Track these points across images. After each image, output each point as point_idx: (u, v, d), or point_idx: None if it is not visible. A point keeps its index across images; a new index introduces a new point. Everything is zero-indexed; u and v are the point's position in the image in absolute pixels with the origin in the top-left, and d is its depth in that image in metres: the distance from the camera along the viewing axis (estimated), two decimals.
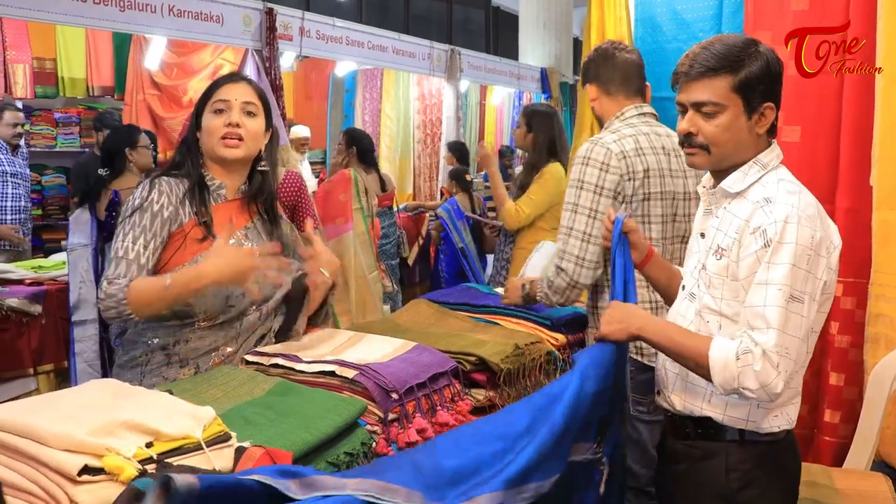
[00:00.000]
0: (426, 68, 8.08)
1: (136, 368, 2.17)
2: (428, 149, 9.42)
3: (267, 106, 2.28)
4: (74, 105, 7.45)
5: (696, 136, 1.87)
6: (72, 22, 4.87)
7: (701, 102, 1.85)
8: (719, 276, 1.86)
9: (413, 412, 1.96)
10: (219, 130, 2.17)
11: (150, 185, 2.16)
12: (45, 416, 1.39)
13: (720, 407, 1.89)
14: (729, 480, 1.88)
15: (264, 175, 2.31)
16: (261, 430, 1.62)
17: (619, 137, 2.54)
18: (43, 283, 4.74)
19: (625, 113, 2.67)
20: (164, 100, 6.90)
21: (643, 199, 2.52)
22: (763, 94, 1.84)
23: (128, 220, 2.12)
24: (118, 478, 1.30)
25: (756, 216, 1.78)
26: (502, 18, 16.56)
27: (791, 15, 3.41)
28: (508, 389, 2.31)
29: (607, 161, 2.49)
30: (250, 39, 5.64)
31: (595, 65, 2.74)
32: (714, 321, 1.88)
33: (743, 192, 1.88)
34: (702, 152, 1.89)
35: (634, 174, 2.50)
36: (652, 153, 2.55)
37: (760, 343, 1.70)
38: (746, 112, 1.84)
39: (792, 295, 1.71)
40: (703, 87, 1.84)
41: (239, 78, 2.29)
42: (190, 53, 6.78)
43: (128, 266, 2.07)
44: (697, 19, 3.72)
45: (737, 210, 1.86)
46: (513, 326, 2.73)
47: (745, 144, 1.87)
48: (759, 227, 1.76)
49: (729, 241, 1.84)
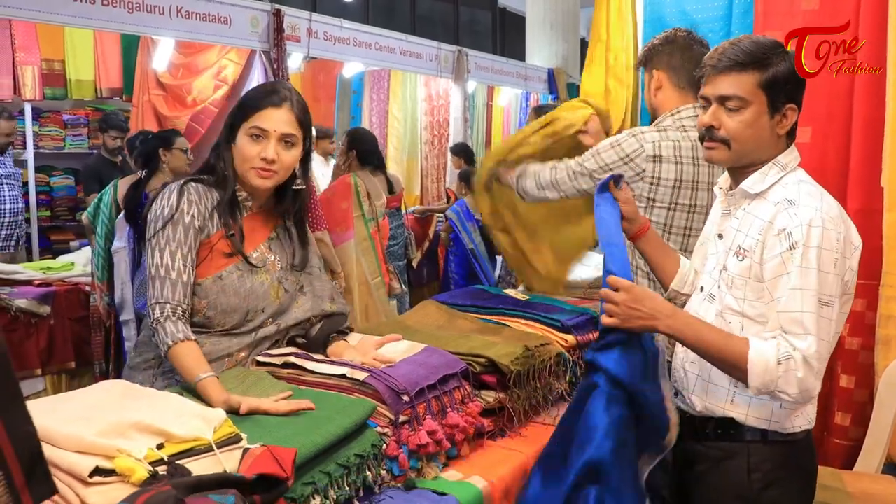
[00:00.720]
0: (433, 69, 8.07)
1: (149, 371, 2.16)
2: (435, 150, 9.42)
3: (308, 130, 2.19)
4: (83, 106, 7.47)
5: (718, 130, 1.87)
6: (80, 24, 4.88)
7: (726, 96, 1.84)
8: (742, 277, 1.85)
9: (423, 414, 1.95)
10: (253, 160, 2.08)
11: (178, 192, 2.09)
12: (55, 417, 1.40)
13: (743, 407, 1.89)
14: (751, 481, 1.88)
15: (298, 193, 2.25)
16: (270, 432, 1.62)
17: (661, 139, 2.48)
18: (52, 284, 4.76)
19: (681, 111, 2.57)
20: (168, 99, 6.90)
21: (669, 209, 2.47)
22: (787, 94, 1.84)
23: (161, 233, 2.05)
24: (129, 479, 1.31)
25: (780, 218, 1.78)
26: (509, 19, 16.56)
27: (801, 15, 3.40)
28: (518, 391, 2.30)
29: (633, 157, 2.46)
30: (258, 41, 5.64)
31: (669, 52, 2.61)
32: (736, 322, 1.88)
33: (763, 193, 1.88)
34: (722, 147, 1.88)
35: (661, 180, 2.45)
36: (691, 163, 2.48)
37: (801, 349, 1.71)
38: (770, 110, 1.84)
39: (821, 300, 1.72)
40: (729, 81, 1.84)
41: (281, 100, 2.12)
42: (196, 54, 6.78)
43: (173, 288, 2.02)
44: (707, 19, 3.70)
45: (757, 211, 1.86)
46: (522, 328, 2.72)
47: (766, 143, 1.87)
48: (784, 229, 1.76)
49: (751, 241, 1.84)
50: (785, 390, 1.72)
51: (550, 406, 2.48)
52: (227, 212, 2.13)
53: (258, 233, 2.21)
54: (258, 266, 2.17)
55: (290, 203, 2.25)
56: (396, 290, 5.66)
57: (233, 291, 2.11)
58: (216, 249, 2.11)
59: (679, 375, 2.04)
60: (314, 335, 2.26)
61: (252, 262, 2.16)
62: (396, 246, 6.51)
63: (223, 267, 2.11)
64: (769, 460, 1.89)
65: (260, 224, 2.23)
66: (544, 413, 2.44)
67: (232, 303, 2.11)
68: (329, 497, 1.62)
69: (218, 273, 2.11)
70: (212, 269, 2.09)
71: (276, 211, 2.27)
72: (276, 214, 2.27)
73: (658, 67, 2.61)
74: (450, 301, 2.97)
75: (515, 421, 2.30)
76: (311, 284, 2.33)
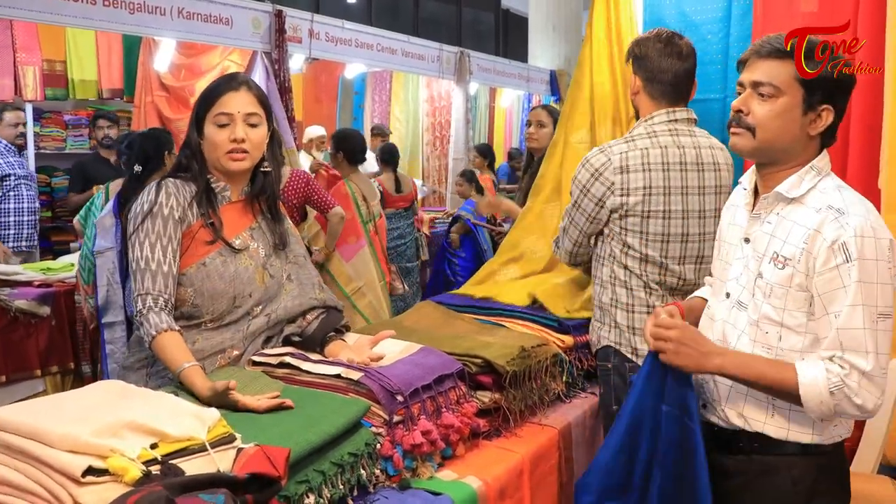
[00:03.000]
0: (435, 71, 8.09)
1: (142, 370, 2.17)
2: (437, 151, 9.44)
3: (268, 110, 2.25)
4: (84, 107, 7.48)
5: (746, 115, 1.82)
6: (81, 24, 4.90)
7: (760, 82, 1.80)
8: (782, 287, 1.78)
9: (418, 414, 1.95)
10: (224, 145, 2.14)
11: (156, 188, 2.15)
12: (49, 417, 1.40)
13: (783, 421, 1.82)
14: (795, 493, 1.82)
15: (266, 175, 2.29)
16: (264, 431, 1.63)
17: (628, 150, 2.48)
18: (52, 285, 4.76)
19: (653, 117, 2.56)
20: (171, 101, 6.92)
21: (642, 217, 2.46)
22: (826, 93, 1.78)
23: (140, 227, 2.10)
24: (122, 479, 1.31)
25: (829, 228, 1.72)
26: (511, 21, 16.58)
27: (800, 17, 3.40)
28: (514, 392, 2.31)
29: (601, 171, 2.47)
30: (259, 42, 5.66)
31: (645, 61, 2.58)
32: (773, 332, 1.82)
33: (800, 198, 1.81)
34: (747, 134, 1.83)
35: (630, 191, 2.45)
36: (661, 170, 2.46)
37: (860, 367, 1.67)
38: (804, 106, 1.78)
39: (880, 313, 1.68)
40: (767, 67, 1.80)
41: (238, 84, 2.20)
42: (198, 55, 6.80)
43: (153, 278, 2.05)
44: (706, 21, 3.69)
45: (797, 217, 1.79)
46: (519, 328, 2.73)
47: (793, 139, 1.81)
48: (838, 241, 1.69)
49: (792, 249, 1.77)
50: (846, 412, 1.69)
51: (546, 407, 2.49)
52: (205, 202, 2.17)
53: (239, 221, 2.24)
54: (241, 249, 2.20)
55: (258, 186, 2.29)
56: (398, 290, 5.66)
57: (217, 276, 2.13)
58: (197, 238, 2.15)
59: (709, 387, 1.96)
60: (311, 333, 2.27)
61: (234, 247, 2.18)
62: (406, 245, 6.52)
63: (206, 254, 2.14)
64: (812, 471, 1.83)
65: (240, 213, 2.26)
66: (540, 414, 2.45)
67: (218, 287, 2.13)
68: (323, 495, 1.63)
69: (201, 260, 2.14)
70: (195, 258, 2.12)
71: (252, 199, 2.29)
72: (254, 204, 2.30)
73: (636, 72, 2.61)
74: (447, 301, 2.98)
75: (511, 421, 2.31)
76: (297, 273, 2.35)
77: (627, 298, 2.53)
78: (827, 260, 1.71)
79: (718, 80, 3.52)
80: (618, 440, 1.94)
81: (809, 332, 1.78)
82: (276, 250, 2.30)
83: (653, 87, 2.57)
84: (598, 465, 1.98)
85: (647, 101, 2.59)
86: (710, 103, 3.40)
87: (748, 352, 1.85)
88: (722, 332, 1.95)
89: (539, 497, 2.27)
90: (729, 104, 3.42)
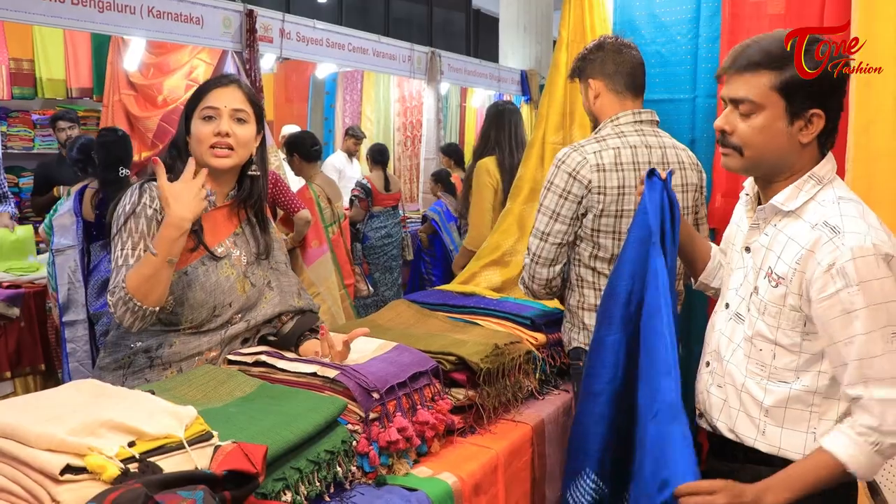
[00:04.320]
0: (406, 70, 8.09)
1: (119, 371, 2.16)
2: (408, 151, 9.44)
3: (258, 110, 2.23)
4: (53, 106, 7.41)
5: (731, 135, 1.76)
6: (50, 23, 4.84)
7: (738, 99, 1.73)
8: (775, 305, 1.75)
9: (394, 411, 1.97)
10: (208, 139, 2.11)
11: (139, 190, 2.12)
12: (26, 416, 1.40)
13: (774, 439, 1.80)
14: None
15: (254, 180, 2.27)
16: (241, 429, 1.63)
17: (601, 149, 2.49)
18: (21, 286, 4.72)
19: (619, 118, 2.58)
20: (139, 99, 6.87)
21: (616, 216, 2.48)
22: (811, 97, 1.69)
23: (123, 228, 2.08)
24: (100, 477, 1.31)
25: (824, 250, 1.65)
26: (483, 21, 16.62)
27: (767, 19, 3.45)
28: (488, 388, 2.33)
29: (578, 170, 2.46)
30: (230, 41, 5.63)
31: (601, 59, 2.62)
32: (768, 350, 1.79)
33: (797, 211, 1.75)
34: (735, 153, 1.77)
35: (606, 189, 2.46)
36: (632, 169, 2.49)
37: (888, 397, 1.61)
38: (788, 115, 1.70)
39: (894, 332, 1.62)
40: (742, 83, 1.72)
41: (229, 81, 2.20)
42: (167, 53, 6.76)
43: (128, 272, 2.03)
44: (675, 22, 3.74)
45: (792, 232, 1.74)
46: (493, 326, 2.75)
47: (785, 152, 1.74)
48: (835, 265, 1.62)
49: (786, 268, 1.72)
50: (889, 452, 1.63)
51: (520, 403, 2.52)
52: None
53: (222, 228, 2.22)
54: (222, 258, 2.19)
55: (246, 191, 2.27)
56: (363, 291, 5.67)
57: (199, 286, 2.13)
58: None
59: (703, 398, 1.97)
60: (286, 333, 2.28)
61: (216, 255, 2.17)
62: (392, 244, 6.54)
63: (188, 262, 2.13)
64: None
65: (223, 219, 2.24)
66: (514, 410, 2.47)
67: (198, 297, 2.13)
68: (300, 493, 1.64)
69: (183, 269, 2.12)
70: (177, 265, 2.09)
71: (238, 204, 2.28)
72: (239, 209, 2.28)
73: (593, 76, 2.63)
74: (421, 300, 3.00)
75: (485, 418, 2.33)
76: (278, 280, 2.35)
77: (596, 300, 2.55)
78: (825, 286, 1.64)
79: (688, 80, 3.57)
80: None
81: (804, 352, 1.75)
82: (259, 258, 2.29)
83: (616, 82, 2.60)
84: None
85: (612, 99, 2.61)
86: (679, 103, 3.44)
87: (742, 367, 1.83)
88: (717, 343, 1.94)
89: (513, 492, 2.29)
90: (698, 104, 3.49)
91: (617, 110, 2.60)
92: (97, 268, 4.29)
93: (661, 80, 3.48)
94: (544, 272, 2.57)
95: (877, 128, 3.15)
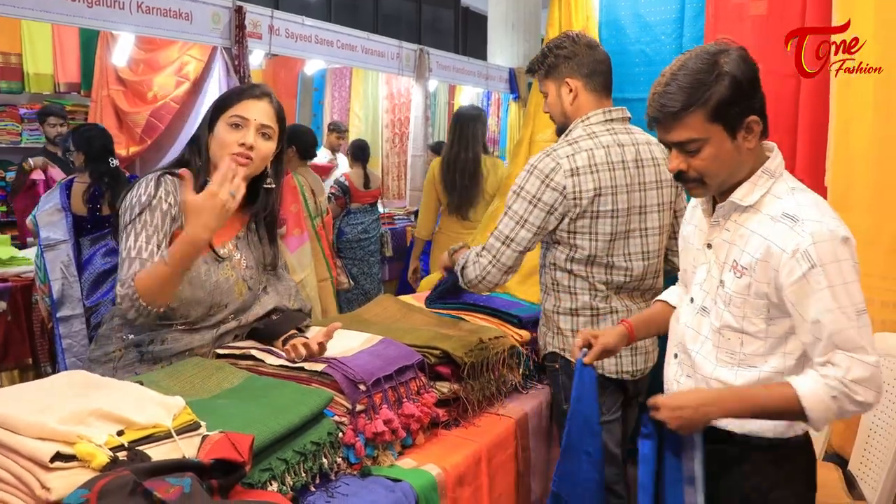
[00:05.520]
0: (395, 68, 8.10)
1: (109, 364, 2.17)
2: (396, 148, 9.45)
3: (283, 126, 2.26)
4: (40, 101, 7.39)
5: (687, 171, 1.83)
6: (38, 17, 4.82)
7: (681, 142, 1.80)
8: (740, 296, 1.82)
9: (380, 404, 2.00)
10: (232, 146, 2.13)
11: (155, 182, 2.13)
12: (16, 405, 1.42)
13: (745, 420, 1.87)
14: (758, 484, 1.89)
15: (269, 192, 2.30)
16: (228, 420, 1.65)
17: (574, 151, 2.46)
18: (8, 280, 4.71)
19: (590, 118, 2.55)
20: (128, 95, 6.84)
21: (592, 217, 2.46)
22: (741, 111, 1.77)
23: (137, 219, 2.09)
24: (90, 464, 1.34)
25: (787, 237, 1.73)
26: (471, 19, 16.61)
27: (750, 20, 3.50)
28: (472, 382, 2.36)
29: (552, 176, 2.43)
30: (219, 37, 5.63)
31: (578, 58, 2.57)
32: (735, 339, 1.86)
33: (755, 205, 1.83)
34: (697, 185, 1.85)
35: (582, 193, 2.43)
36: (607, 169, 2.46)
37: (865, 360, 1.70)
38: (729, 135, 1.78)
39: (858, 310, 1.71)
40: (678, 129, 1.79)
41: (262, 94, 2.22)
42: (157, 50, 6.74)
43: (142, 265, 2.04)
44: (660, 22, 3.78)
45: (752, 225, 1.82)
46: (478, 322, 2.78)
47: (738, 163, 1.82)
48: (798, 250, 1.71)
49: (750, 259, 1.79)
50: (848, 411, 1.72)
51: (504, 397, 2.55)
52: None
53: (227, 229, 2.22)
54: (224, 259, 2.21)
55: (261, 203, 2.30)
56: (344, 284, 5.69)
57: (199, 284, 2.14)
58: None
59: (672, 387, 2.03)
60: (272, 322, 2.30)
61: (220, 255, 2.19)
62: (370, 240, 6.56)
63: None
64: (772, 463, 1.89)
65: (229, 221, 2.24)
66: (498, 404, 2.50)
67: (197, 295, 2.15)
68: (286, 483, 1.67)
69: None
70: None
71: (246, 211, 2.30)
72: (244, 214, 2.30)
73: (571, 75, 2.57)
74: None
75: (469, 411, 2.36)
76: (275, 284, 2.38)
77: (571, 303, 2.56)
78: (792, 270, 1.72)
79: None
80: None
81: (770, 336, 1.82)
82: (259, 265, 2.32)
83: (594, 81, 2.57)
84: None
85: (589, 98, 2.57)
86: None
87: (712, 357, 1.90)
88: (683, 335, 2.00)
89: (498, 484, 2.33)
90: None
91: (594, 108, 2.56)
92: (90, 261, 4.26)
93: (645, 78, 3.52)
94: (497, 277, 2.53)
95: (856, 128, 3.20)
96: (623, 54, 3.78)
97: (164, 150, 6.45)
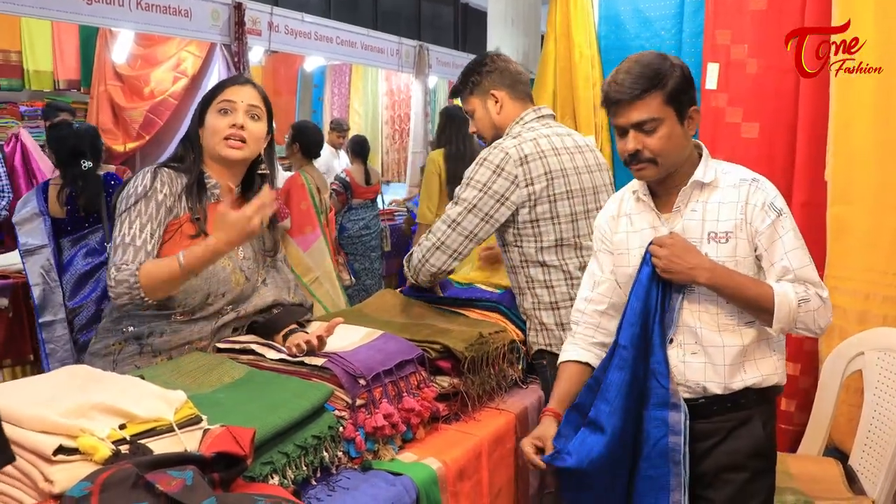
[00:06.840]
0: (395, 64, 8.11)
1: (109, 357, 2.19)
2: (396, 144, 9.46)
3: (269, 110, 2.33)
4: (40, 98, 7.38)
5: (643, 151, 2.00)
6: (38, 14, 4.84)
7: (642, 121, 1.98)
8: (731, 259, 1.99)
9: (380, 398, 2.00)
10: (223, 131, 2.20)
11: (152, 174, 2.18)
12: (20, 399, 1.43)
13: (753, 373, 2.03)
14: (766, 436, 2.07)
15: (264, 178, 2.35)
16: (229, 414, 1.66)
17: (520, 142, 2.56)
18: (9, 277, 4.70)
19: (524, 117, 2.69)
20: (126, 90, 6.85)
21: (550, 201, 2.53)
22: (688, 100, 2.01)
23: (133, 208, 2.13)
24: (92, 457, 1.35)
25: (756, 194, 2.00)
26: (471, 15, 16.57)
27: (749, 15, 3.50)
28: (472, 377, 2.36)
29: (502, 166, 2.51)
30: (218, 34, 5.65)
31: (500, 72, 2.74)
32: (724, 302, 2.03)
33: (712, 182, 2.04)
34: (650, 165, 2.02)
35: (534, 179, 2.51)
36: (554, 154, 2.57)
37: (820, 293, 1.97)
38: (679, 120, 2.00)
39: (806, 249, 2.01)
40: (640, 108, 1.97)
41: (245, 80, 2.33)
42: (155, 45, 6.76)
43: (135, 252, 2.08)
44: (659, 17, 3.79)
45: (719, 197, 2.03)
46: (478, 317, 2.77)
47: (683, 148, 2.04)
48: (766, 202, 1.98)
49: (730, 223, 2.00)
50: (803, 323, 1.97)
51: (504, 392, 2.55)
52: (194, 194, 2.21)
53: None
54: None
55: (256, 190, 2.32)
56: (346, 280, 5.70)
57: None
58: (182, 231, 2.18)
59: (678, 370, 2.05)
60: (273, 317, 2.31)
61: None
62: (371, 236, 6.58)
63: (187, 247, 2.14)
64: (770, 411, 2.10)
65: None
66: (498, 398, 2.51)
67: (193, 283, 2.17)
68: (287, 476, 1.67)
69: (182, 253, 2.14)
70: (176, 249, 2.12)
71: (242, 198, 2.32)
72: (242, 203, 2.30)
73: (495, 87, 2.73)
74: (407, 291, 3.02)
75: (469, 405, 2.36)
76: (274, 276, 2.39)
77: (550, 297, 2.59)
78: (763, 219, 1.98)
79: None
80: None
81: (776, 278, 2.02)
82: (257, 255, 2.34)
83: (517, 90, 2.74)
84: None
85: (514, 105, 2.72)
86: None
87: (713, 325, 2.03)
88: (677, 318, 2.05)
89: (497, 478, 2.33)
90: None
91: (519, 113, 2.71)
92: (71, 263, 4.12)
93: None
94: (441, 260, 2.58)
95: (856, 126, 3.21)
96: (622, 50, 3.79)
97: (163, 145, 6.47)
